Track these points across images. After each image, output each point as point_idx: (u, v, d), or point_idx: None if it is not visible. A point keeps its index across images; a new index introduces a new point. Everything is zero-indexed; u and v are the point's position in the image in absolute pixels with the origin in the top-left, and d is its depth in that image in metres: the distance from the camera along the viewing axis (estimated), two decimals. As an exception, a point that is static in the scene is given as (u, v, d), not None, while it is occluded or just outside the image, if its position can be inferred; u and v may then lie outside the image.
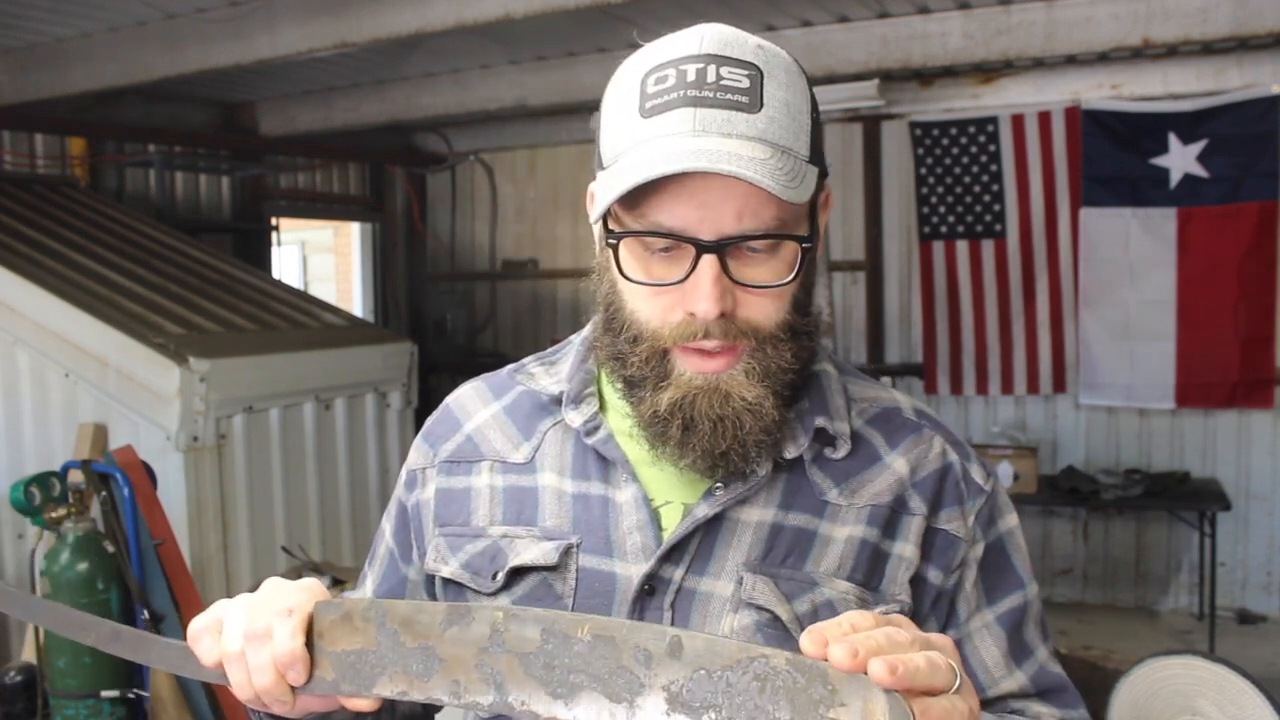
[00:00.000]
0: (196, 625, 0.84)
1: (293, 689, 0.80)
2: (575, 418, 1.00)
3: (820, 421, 0.98)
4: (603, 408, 1.02)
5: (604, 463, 0.99)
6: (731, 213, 0.86)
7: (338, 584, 3.54)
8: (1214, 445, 5.67)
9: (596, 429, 0.99)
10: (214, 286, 4.50)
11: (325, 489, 4.31)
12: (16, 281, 3.81)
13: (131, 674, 3.15)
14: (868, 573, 0.95)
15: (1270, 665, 4.70)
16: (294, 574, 3.73)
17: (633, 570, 0.94)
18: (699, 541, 0.94)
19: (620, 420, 0.98)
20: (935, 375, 6.02)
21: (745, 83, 0.86)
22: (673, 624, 0.92)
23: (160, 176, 5.62)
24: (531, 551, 0.97)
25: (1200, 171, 5.39)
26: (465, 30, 3.81)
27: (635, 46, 0.94)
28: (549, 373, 1.08)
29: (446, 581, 1.02)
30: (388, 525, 1.12)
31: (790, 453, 0.96)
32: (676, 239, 0.87)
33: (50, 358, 3.81)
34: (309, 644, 0.80)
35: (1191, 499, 5.25)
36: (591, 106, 5.83)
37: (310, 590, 0.83)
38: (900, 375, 6.15)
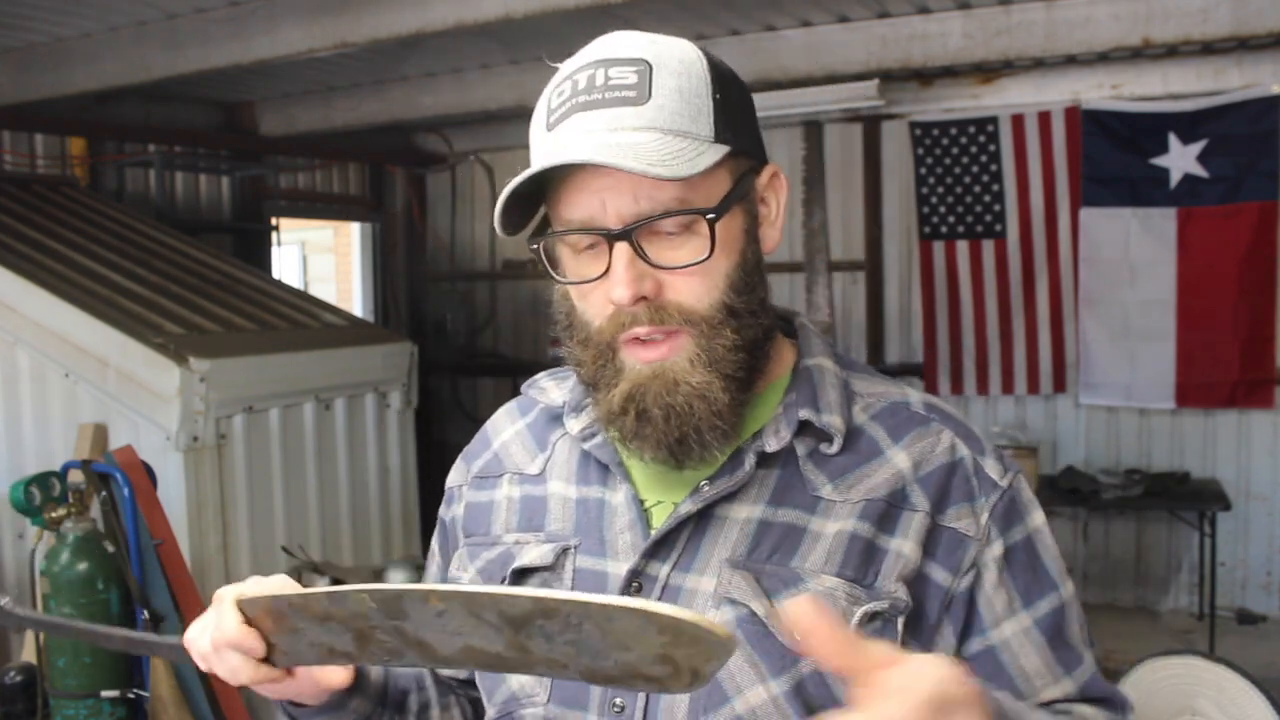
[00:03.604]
0: (188, 635, 0.94)
1: (272, 665, 0.89)
2: (574, 425, 1.04)
3: (805, 414, 0.96)
4: None
5: (603, 467, 1.01)
6: (628, 198, 0.88)
7: (337, 584, 3.54)
8: (1214, 445, 5.66)
9: (593, 435, 1.02)
10: (214, 286, 4.50)
11: (325, 489, 4.31)
12: (16, 281, 3.81)
13: (131, 674, 3.16)
14: (859, 568, 0.92)
15: (1270, 665, 4.70)
16: (294, 574, 3.73)
17: (623, 568, 0.96)
18: (686, 538, 0.95)
19: None
20: (936, 375, 6.02)
21: (633, 78, 0.90)
22: None
23: (160, 176, 5.62)
24: (532, 554, 1.01)
25: (1200, 171, 5.39)
26: (465, 30, 3.80)
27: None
28: (559, 386, 1.12)
29: None
30: (435, 542, 1.18)
31: (772, 445, 0.95)
32: (585, 232, 0.91)
33: (50, 358, 3.81)
34: (266, 636, 0.88)
35: (1191, 499, 5.25)
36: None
37: (266, 582, 0.92)
38: (900, 375, 6.14)
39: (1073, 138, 5.59)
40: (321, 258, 11.07)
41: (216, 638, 0.89)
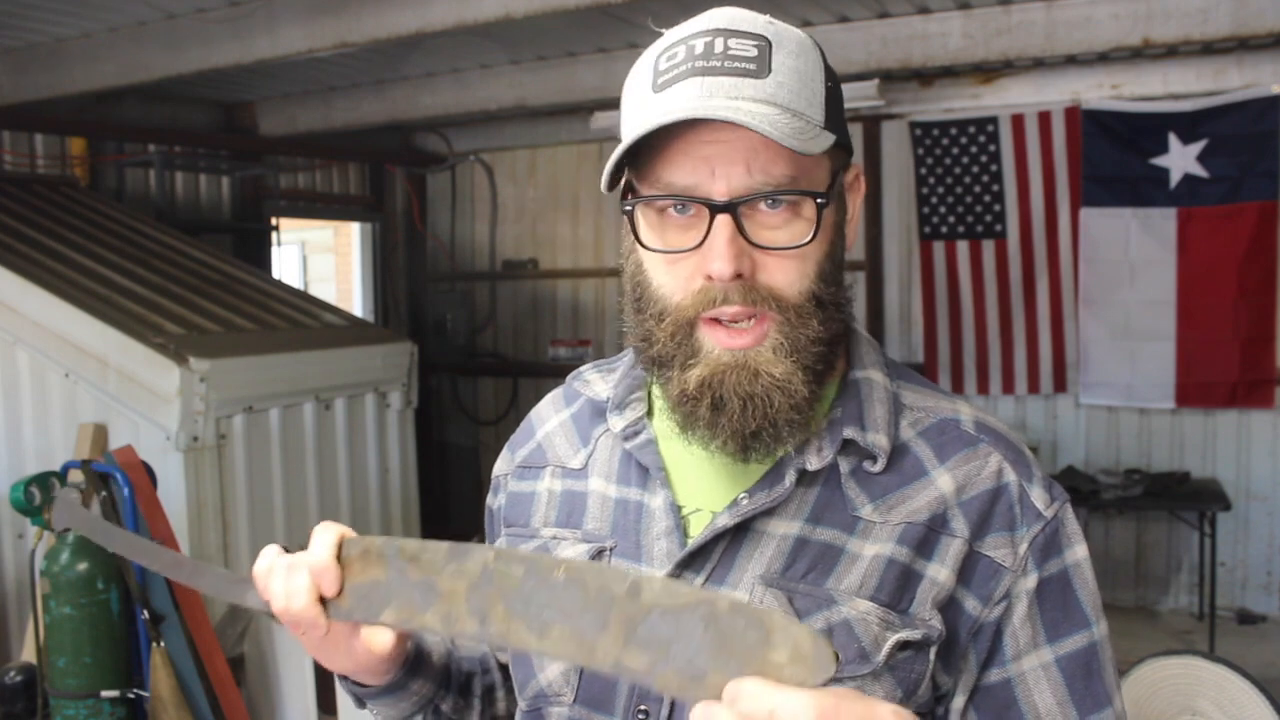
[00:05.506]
0: (259, 565, 0.91)
1: (325, 610, 0.86)
2: (617, 423, 1.01)
3: (850, 432, 0.93)
4: (650, 412, 1.02)
5: (644, 469, 0.99)
6: (741, 168, 0.85)
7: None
8: (1214, 445, 5.67)
9: (636, 434, 1.00)
10: (214, 286, 4.50)
11: (325, 489, 4.31)
12: (16, 281, 3.81)
13: (131, 674, 3.15)
14: (894, 593, 0.89)
15: (1270, 665, 4.70)
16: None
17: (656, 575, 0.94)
18: (722, 551, 0.93)
19: (665, 423, 0.98)
20: (936, 375, 6.02)
21: (753, 51, 0.87)
22: None
23: (160, 176, 5.62)
24: (568, 552, 1.00)
25: (1200, 171, 5.40)
26: (465, 30, 3.81)
27: (635, 46, 0.95)
28: (604, 379, 1.09)
29: None
30: (487, 530, 1.18)
31: (813, 464, 0.92)
32: (689, 199, 0.86)
33: (50, 358, 3.81)
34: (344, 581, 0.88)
35: (1191, 499, 5.25)
36: (591, 106, 5.83)
37: (346, 532, 0.91)
38: (900, 375, 6.15)
39: (1073, 138, 5.59)
40: (321, 258, 11.08)
41: (302, 557, 0.87)
